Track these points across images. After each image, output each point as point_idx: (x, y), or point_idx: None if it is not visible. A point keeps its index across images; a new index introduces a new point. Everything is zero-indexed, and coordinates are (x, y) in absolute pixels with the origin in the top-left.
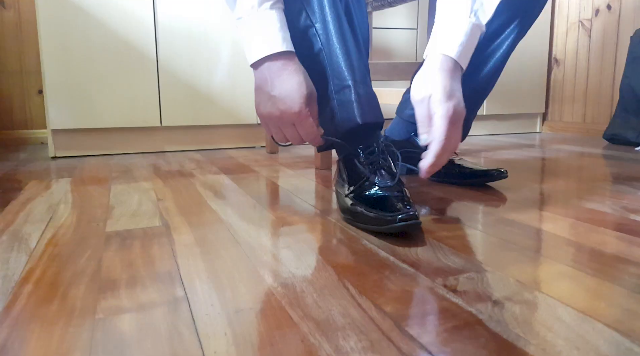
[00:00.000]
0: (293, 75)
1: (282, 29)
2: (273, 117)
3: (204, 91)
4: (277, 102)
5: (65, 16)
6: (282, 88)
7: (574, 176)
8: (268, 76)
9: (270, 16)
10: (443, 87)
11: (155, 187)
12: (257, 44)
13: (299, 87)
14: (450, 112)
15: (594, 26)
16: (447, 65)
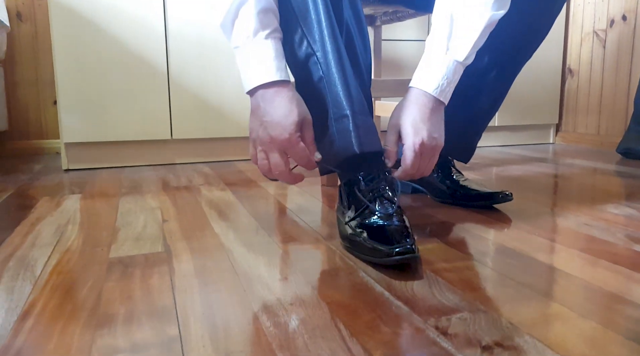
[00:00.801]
0: (285, 102)
1: (276, 58)
2: (264, 143)
3: (214, 104)
4: (268, 128)
5: (78, 32)
6: (274, 114)
7: (583, 197)
8: (261, 103)
9: (265, 46)
10: (412, 121)
11: (162, 205)
12: (252, 72)
13: (290, 113)
14: (416, 145)
15: (609, 37)
16: (421, 99)
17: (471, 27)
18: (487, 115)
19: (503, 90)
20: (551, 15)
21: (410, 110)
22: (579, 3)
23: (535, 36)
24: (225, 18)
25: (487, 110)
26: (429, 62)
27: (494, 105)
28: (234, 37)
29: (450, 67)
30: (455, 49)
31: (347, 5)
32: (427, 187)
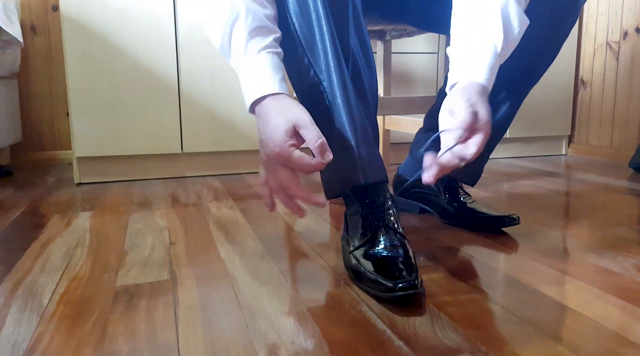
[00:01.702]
0: (274, 114)
1: (272, 71)
2: (267, 164)
3: (224, 117)
4: (265, 146)
5: (90, 47)
6: (268, 129)
7: (593, 219)
8: (258, 121)
9: (257, 61)
10: (469, 98)
11: (170, 225)
12: (247, 90)
13: (280, 123)
14: (471, 108)
15: (622, 49)
16: (477, 88)
17: (518, 26)
18: (494, 138)
19: (511, 112)
20: (559, 38)
21: (468, 93)
22: (591, 14)
23: (544, 58)
24: (222, 40)
25: (495, 132)
26: (482, 55)
27: (502, 127)
28: (232, 57)
29: (499, 61)
30: (504, 48)
31: (353, 32)
32: (435, 208)
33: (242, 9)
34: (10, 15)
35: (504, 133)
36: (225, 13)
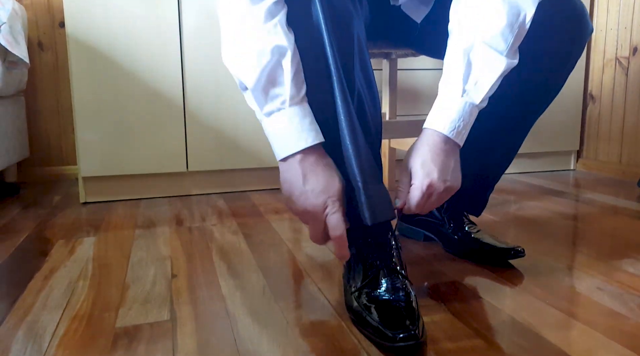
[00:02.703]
0: (326, 170)
1: (313, 121)
2: (304, 213)
3: (229, 136)
4: (309, 197)
5: (96, 67)
6: (316, 182)
7: (600, 249)
8: (301, 171)
9: (302, 110)
10: (422, 161)
11: (173, 253)
12: (289, 138)
13: (332, 180)
14: (424, 185)
15: (631, 65)
16: (434, 140)
17: (489, 71)
18: (499, 169)
19: (516, 144)
20: (563, 71)
21: (422, 150)
22: (600, 29)
23: (548, 92)
24: (256, 83)
25: (499, 164)
26: (443, 104)
27: (506, 158)
28: (269, 104)
29: (466, 109)
30: (472, 91)
31: (358, 68)
32: (439, 236)
33: (283, 53)
34: (17, 36)
35: (508, 165)
36: (263, 55)
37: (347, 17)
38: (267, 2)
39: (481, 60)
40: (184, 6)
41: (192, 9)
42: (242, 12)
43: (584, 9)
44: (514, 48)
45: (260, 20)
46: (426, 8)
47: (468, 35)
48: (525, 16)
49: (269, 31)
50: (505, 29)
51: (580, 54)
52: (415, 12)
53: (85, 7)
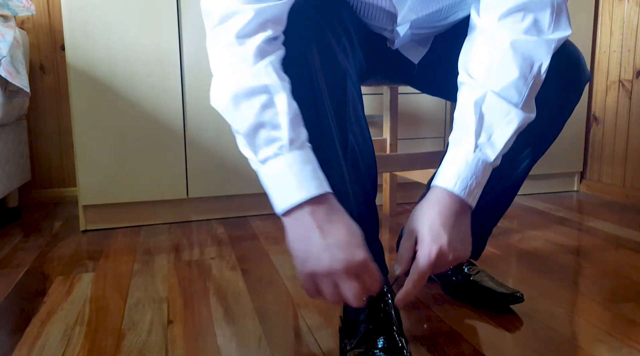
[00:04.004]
0: (345, 218)
1: (316, 169)
2: (334, 271)
3: (230, 161)
4: (336, 252)
5: (96, 96)
6: (339, 234)
7: (601, 290)
8: (315, 223)
9: (302, 155)
10: (430, 225)
11: (170, 294)
12: (289, 187)
13: (355, 229)
14: (432, 253)
15: (635, 88)
16: (444, 200)
17: (504, 125)
18: (496, 216)
19: (513, 190)
20: (560, 119)
21: (431, 212)
22: (604, 50)
23: (545, 139)
24: (249, 127)
25: (496, 212)
26: (454, 160)
27: (503, 205)
28: (262, 150)
29: (479, 166)
30: (486, 147)
31: (353, 122)
32: (438, 277)
33: (277, 94)
34: (18, 65)
35: (506, 209)
36: (254, 96)
37: (340, 74)
38: (255, 41)
39: (494, 113)
40: (184, 34)
41: (193, 37)
42: (230, 51)
43: (579, 56)
44: (530, 101)
45: (249, 60)
46: (424, 49)
47: (479, 87)
48: (540, 67)
49: (258, 71)
50: (519, 81)
51: (577, 101)
52: (412, 54)
53: (85, 32)
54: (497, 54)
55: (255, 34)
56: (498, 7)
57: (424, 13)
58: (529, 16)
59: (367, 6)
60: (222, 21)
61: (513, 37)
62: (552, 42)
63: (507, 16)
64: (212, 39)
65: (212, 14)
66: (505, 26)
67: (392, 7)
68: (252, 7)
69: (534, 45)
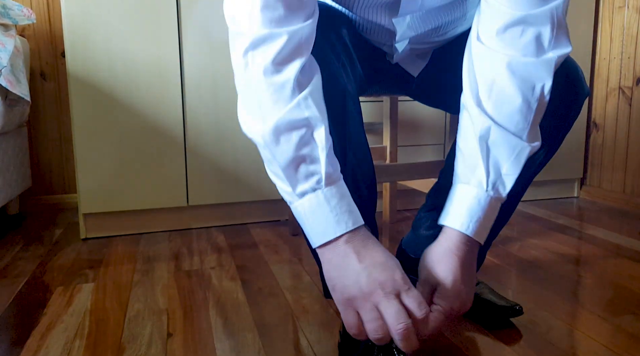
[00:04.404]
0: (379, 245)
1: (351, 202)
2: (373, 293)
3: (230, 169)
4: (373, 272)
5: (96, 105)
6: (376, 256)
7: (601, 302)
8: (352, 250)
9: (338, 189)
10: (454, 279)
11: (170, 306)
12: (328, 223)
13: (390, 256)
14: (455, 309)
15: (635, 95)
16: (463, 248)
17: (512, 161)
18: (496, 230)
19: (511, 206)
20: (559, 135)
21: (453, 263)
22: (604, 57)
23: (545, 155)
24: (289, 161)
25: (496, 227)
26: (466, 199)
27: (503, 219)
28: (302, 183)
29: (492, 204)
30: (498, 186)
31: (353, 140)
32: None
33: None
34: (18, 74)
35: (505, 223)
36: (295, 129)
37: (339, 92)
38: (293, 68)
39: (501, 148)
40: (184, 43)
41: (193, 46)
42: (268, 80)
43: (578, 72)
44: (535, 125)
45: (288, 90)
46: (423, 62)
47: (481, 117)
48: (542, 88)
49: (299, 104)
50: (523, 106)
51: (576, 116)
52: (412, 67)
53: (85, 41)
54: (497, 77)
55: (292, 61)
56: (496, 21)
57: (423, 30)
58: (529, 31)
59: (367, 23)
60: (256, 46)
61: (510, 59)
62: (552, 61)
63: (505, 31)
64: (243, 63)
65: (244, 36)
66: (504, 42)
67: (391, 26)
68: (286, 29)
69: (534, 66)
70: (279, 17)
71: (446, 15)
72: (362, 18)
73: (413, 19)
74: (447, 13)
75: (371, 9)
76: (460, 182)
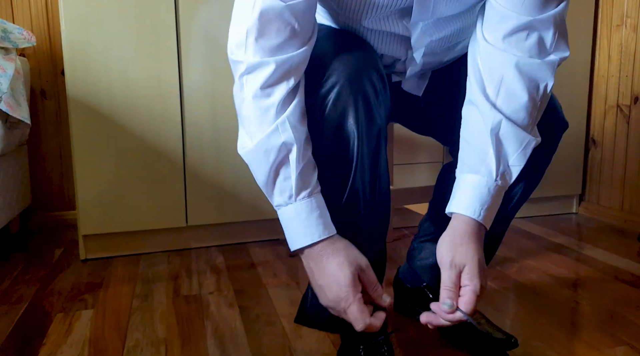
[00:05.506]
0: (331, 259)
1: (321, 215)
2: (332, 310)
3: (228, 189)
4: (326, 293)
5: (96, 126)
6: (325, 275)
7: (596, 330)
8: (311, 265)
9: (308, 205)
10: (478, 261)
11: (168, 335)
12: (296, 233)
13: (341, 269)
14: (480, 287)
15: (633, 113)
16: (477, 232)
17: (520, 153)
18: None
19: (501, 232)
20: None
21: (473, 245)
22: (602, 74)
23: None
24: (266, 179)
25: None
26: (477, 188)
27: (494, 246)
28: (276, 197)
29: (499, 193)
30: (505, 176)
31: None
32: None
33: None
34: (18, 97)
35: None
36: (271, 152)
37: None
38: (279, 93)
39: (511, 140)
40: (184, 64)
41: (193, 67)
42: (256, 103)
43: (555, 106)
44: (535, 123)
45: (271, 114)
46: (424, 82)
47: (492, 112)
48: (546, 87)
49: (277, 127)
50: (529, 103)
51: (555, 149)
52: (415, 88)
53: (85, 63)
54: (506, 75)
55: (279, 84)
56: (503, 26)
57: (436, 36)
58: (533, 35)
59: (382, 36)
60: (249, 71)
61: (518, 59)
62: (554, 63)
63: (512, 34)
64: (239, 86)
65: (241, 64)
66: (510, 45)
67: (406, 31)
68: (274, 59)
69: (538, 67)
70: (271, 46)
71: (457, 22)
72: (374, 31)
73: (425, 26)
74: (458, 21)
75: (383, 19)
76: (469, 172)
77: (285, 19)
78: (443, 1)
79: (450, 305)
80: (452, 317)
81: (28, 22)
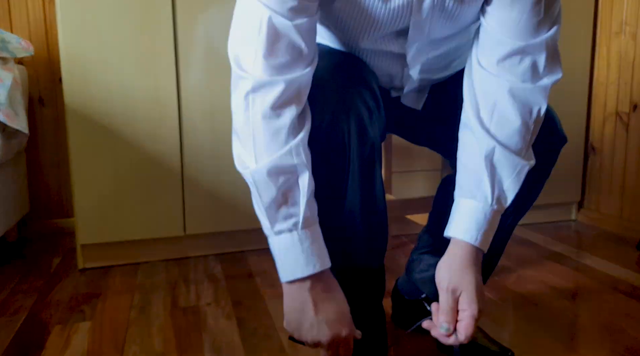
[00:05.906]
0: (337, 295)
1: (322, 246)
2: (316, 343)
3: (226, 198)
4: (324, 327)
5: (93, 136)
6: (330, 311)
7: (594, 346)
8: (311, 298)
9: (312, 233)
10: (476, 285)
11: (166, 350)
12: (298, 262)
13: (344, 307)
14: (478, 311)
15: (632, 121)
16: (475, 256)
17: (514, 178)
18: (486, 273)
19: (500, 248)
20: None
21: (471, 271)
22: (601, 82)
23: (526, 201)
24: (272, 202)
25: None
26: (473, 213)
27: (494, 261)
28: (280, 222)
29: (495, 217)
30: (500, 200)
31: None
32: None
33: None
34: (16, 107)
35: (496, 264)
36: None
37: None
38: (289, 114)
39: (504, 166)
40: (182, 74)
41: (190, 77)
42: (266, 123)
43: (554, 121)
44: (529, 146)
45: (283, 136)
46: (423, 95)
47: (486, 138)
48: (539, 111)
49: (290, 150)
50: (522, 128)
51: (554, 163)
52: (414, 102)
53: (83, 72)
54: (499, 100)
55: (289, 106)
56: (497, 51)
57: (432, 55)
58: (526, 59)
59: (379, 54)
60: (256, 90)
61: (511, 84)
62: (547, 87)
63: (505, 59)
64: (244, 104)
65: (246, 79)
66: (504, 69)
67: (402, 49)
68: (284, 78)
69: (531, 92)
70: (279, 64)
71: (453, 41)
72: (370, 50)
73: (421, 45)
74: (453, 40)
75: (380, 39)
76: (466, 197)
77: (292, 37)
78: (438, 23)
79: (447, 329)
80: (447, 341)
81: (26, 31)
